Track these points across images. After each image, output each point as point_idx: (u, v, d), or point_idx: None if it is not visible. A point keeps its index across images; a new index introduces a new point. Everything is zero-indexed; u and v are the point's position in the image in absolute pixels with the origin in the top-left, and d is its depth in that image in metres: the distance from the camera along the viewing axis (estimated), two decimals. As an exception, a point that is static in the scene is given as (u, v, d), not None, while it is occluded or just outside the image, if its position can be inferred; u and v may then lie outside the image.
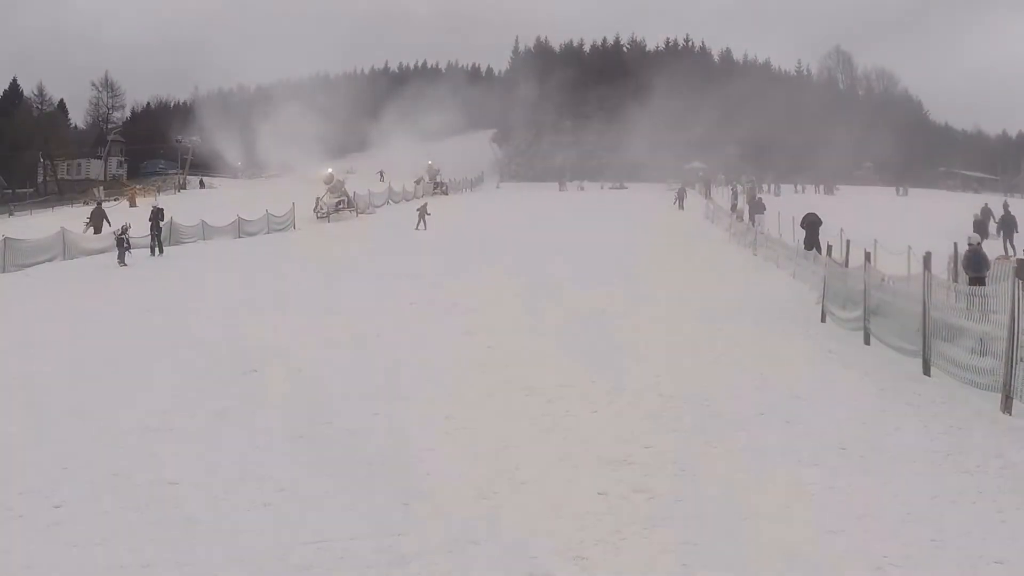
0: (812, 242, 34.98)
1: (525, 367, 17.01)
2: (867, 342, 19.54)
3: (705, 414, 13.45)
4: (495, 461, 11.34)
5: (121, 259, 39.06)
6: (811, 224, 36.53)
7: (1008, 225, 44.71)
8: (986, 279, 20.29)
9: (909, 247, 25.58)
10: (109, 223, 43.14)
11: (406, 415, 13.69)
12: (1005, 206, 48.78)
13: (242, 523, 9.46)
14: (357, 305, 25.14)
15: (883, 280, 20.35)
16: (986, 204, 51.59)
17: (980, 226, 42.87)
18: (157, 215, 43.75)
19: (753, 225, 47.41)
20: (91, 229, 45.38)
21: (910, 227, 40.10)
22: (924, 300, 16.61)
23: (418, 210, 59.56)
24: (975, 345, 14.95)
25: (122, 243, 39.64)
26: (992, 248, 30.25)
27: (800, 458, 11.25)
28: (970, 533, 8.91)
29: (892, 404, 14.24)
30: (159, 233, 42.52)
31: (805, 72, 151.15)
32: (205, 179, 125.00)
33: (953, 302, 16.55)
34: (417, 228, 56.71)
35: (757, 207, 50.71)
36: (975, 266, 22.08)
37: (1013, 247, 31.54)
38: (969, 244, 23.80)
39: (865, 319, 19.81)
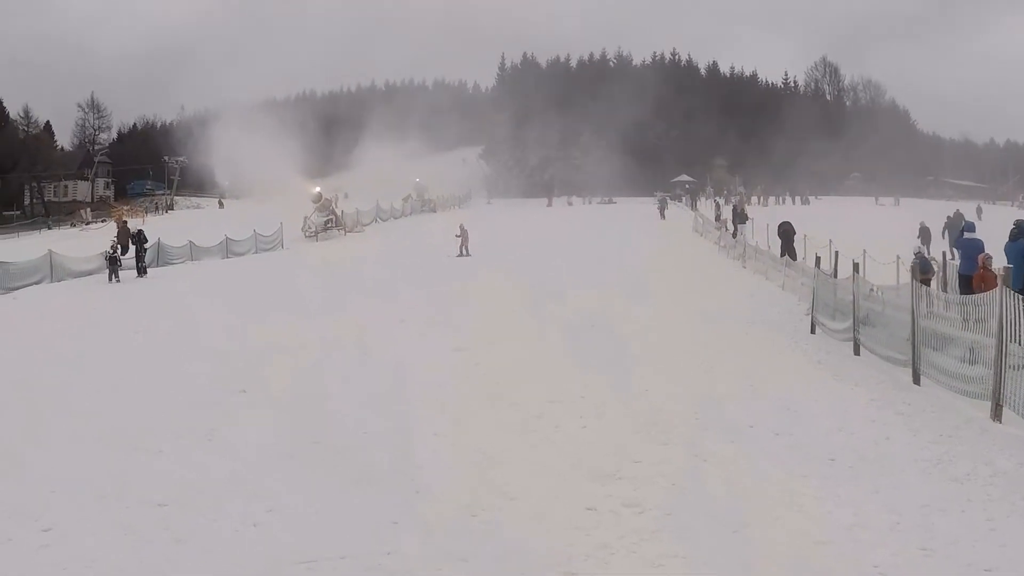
0: (787, 249, 35.69)
1: (513, 382, 17.00)
2: (857, 352, 19.56)
3: (695, 427, 13.46)
4: (484, 477, 11.32)
5: (113, 276, 39.73)
6: (785, 233, 37.12)
7: (925, 234, 46.11)
8: (931, 281, 22.35)
9: (864, 250, 26.38)
10: (134, 242, 43.09)
11: (395, 432, 13.65)
12: (954, 215, 49.16)
13: (231, 543, 9.45)
14: (350, 320, 25.05)
15: (872, 291, 20.38)
16: (956, 210, 51.96)
17: (924, 234, 46.27)
18: (140, 236, 43.69)
19: (735, 236, 47.65)
20: (120, 247, 45.50)
21: (878, 235, 40.21)
22: (912, 309, 16.64)
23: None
24: (965, 354, 14.97)
25: (114, 261, 39.85)
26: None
27: (790, 469, 11.26)
28: (960, 541, 8.93)
29: (882, 413, 14.27)
30: (144, 254, 42.51)
31: (792, 84, 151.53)
32: (192, 199, 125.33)
33: (942, 311, 16.61)
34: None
35: (740, 217, 50.86)
36: (922, 270, 23.09)
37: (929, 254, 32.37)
38: (914, 253, 25.90)
39: (855, 329, 19.83)
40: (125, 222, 55.00)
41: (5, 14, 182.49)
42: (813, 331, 22.80)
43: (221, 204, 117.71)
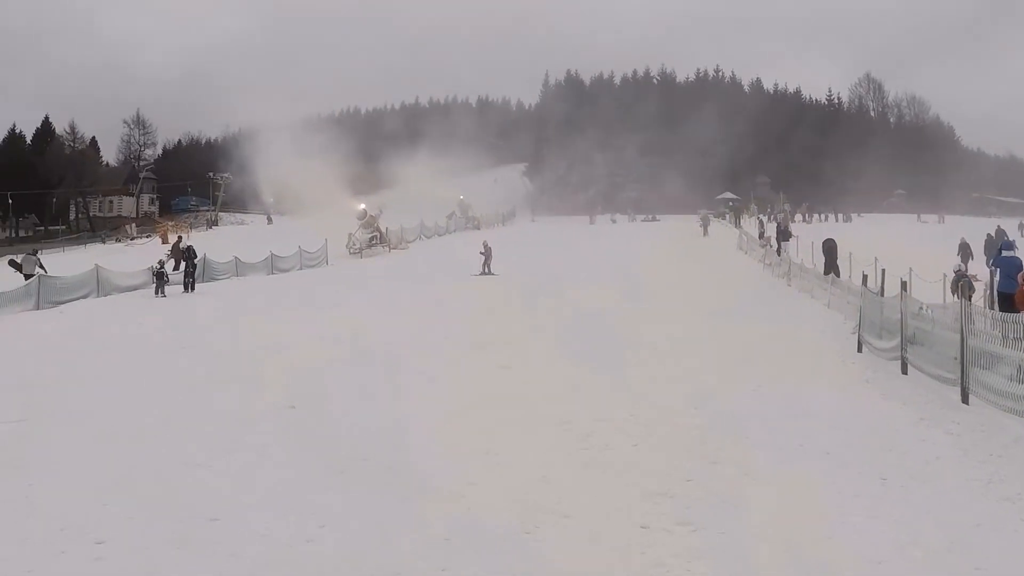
0: (831, 266, 35.87)
1: (562, 401, 17.00)
2: (904, 371, 19.43)
3: (746, 446, 13.45)
4: (537, 494, 11.37)
5: (159, 291, 40.11)
6: (829, 250, 37.31)
7: (965, 250, 45.82)
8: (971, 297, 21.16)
9: (911, 268, 26.26)
10: (191, 257, 43.43)
11: (447, 451, 13.69)
12: (996, 232, 48.84)
13: (285, 558, 9.53)
14: (394, 340, 25.10)
15: (921, 309, 20.29)
16: (998, 227, 51.62)
17: (964, 250, 45.45)
18: (189, 252, 43.94)
19: (779, 254, 47.56)
20: (172, 261, 45.75)
21: (921, 252, 40.14)
22: (961, 328, 16.57)
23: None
24: (1014, 372, 14.91)
25: (161, 276, 40.19)
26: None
27: (841, 488, 11.26)
28: (1014, 560, 8.93)
29: (931, 433, 14.22)
30: (193, 270, 42.75)
31: (836, 101, 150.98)
32: (237, 216, 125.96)
33: (989, 329, 16.52)
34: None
35: (784, 235, 50.76)
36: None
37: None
38: (955, 271, 27.31)
39: (902, 348, 19.74)
40: (180, 237, 55.40)
41: (51, 32, 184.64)
42: (860, 350, 22.69)
43: (270, 220, 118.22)
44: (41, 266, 43.13)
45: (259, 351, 23.66)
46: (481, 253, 49.82)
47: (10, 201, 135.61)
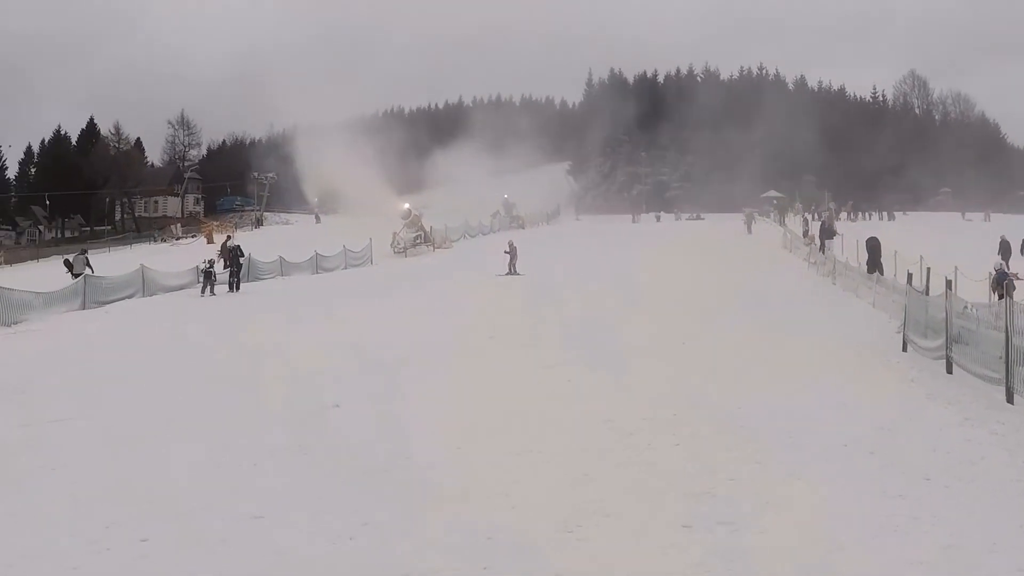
0: (874, 263, 35.80)
1: (606, 399, 17.03)
2: (949, 371, 19.31)
3: (789, 446, 13.40)
4: (580, 493, 11.39)
5: (207, 290, 40.90)
6: (872, 248, 37.24)
7: (1005, 248, 45.62)
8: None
9: (956, 267, 26.24)
10: (237, 256, 43.69)
11: (489, 449, 13.73)
12: None
13: (330, 556, 9.60)
14: (436, 341, 25.12)
15: (966, 308, 20.18)
16: None
17: (1004, 248, 45.93)
18: (235, 252, 44.15)
19: (822, 251, 47.39)
20: (223, 260, 46.21)
21: (965, 251, 39.94)
22: (1006, 327, 16.47)
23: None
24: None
25: (209, 276, 40.53)
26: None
27: (885, 488, 11.20)
28: (1058, 563, 8.87)
29: (976, 432, 14.13)
30: (239, 270, 42.98)
31: (881, 98, 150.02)
32: (282, 215, 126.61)
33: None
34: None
35: (827, 233, 50.55)
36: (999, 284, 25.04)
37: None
38: (995, 269, 27.91)
39: (947, 347, 19.64)
40: (229, 236, 55.83)
41: (96, 35, 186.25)
42: (905, 349, 22.59)
43: (318, 219, 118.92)
44: (89, 265, 43.63)
45: (301, 350, 23.78)
46: (506, 252, 49.71)
47: (47, 202, 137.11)
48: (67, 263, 45.73)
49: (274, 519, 10.73)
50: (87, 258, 46.10)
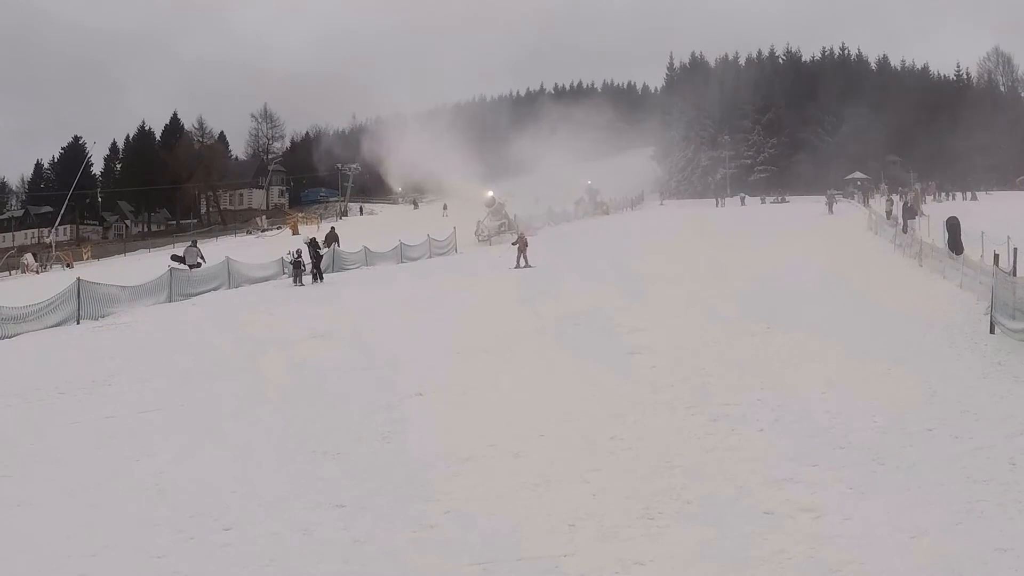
0: (955, 243, 35.42)
1: (690, 384, 17.00)
2: (1038, 353, 19.09)
3: (873, 430, 13.29)
4: (661, 479, 11.41)
5: (298, 280, 41.53)
6: (952, 227, 36.82)
7: None
8: None
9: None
10: (318, 246, 44.17)
11: (572, 435, 13.79)
12: None
13: (410, 544, 9.80)
14: (514, 331, 25.09)
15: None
16: None
17: None
18: (314, 244, 44.50)
19: (905, 232, 46.88)
20: (326, 248, 46.75)
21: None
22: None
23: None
24: None
25: (298, 266, 41.03)
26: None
27: (970, 474, 11.07)
28: None
29: (1065, 417, 13.95)
30: (319, 261, 43.25)
31: (965, 76, 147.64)
32: (365, 206, 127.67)
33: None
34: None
35: (910, 213, 49.95)
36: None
37: None
38: None
39: (1035, 330, 19.38)
40: (332, 227, 56.43)
41: (179, 30, 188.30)
42: (992, 331, 22.28)
43: (416, 205, 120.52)
44: (201, 256, 44.47)
45: (387, 339, 23.95)
46: (513, 243, 49.31)
47: (120, 201, 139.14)
48: (176, 257, 46.25)
49: (355, 508, 10.90)
50: (199, 249, 46.94)
